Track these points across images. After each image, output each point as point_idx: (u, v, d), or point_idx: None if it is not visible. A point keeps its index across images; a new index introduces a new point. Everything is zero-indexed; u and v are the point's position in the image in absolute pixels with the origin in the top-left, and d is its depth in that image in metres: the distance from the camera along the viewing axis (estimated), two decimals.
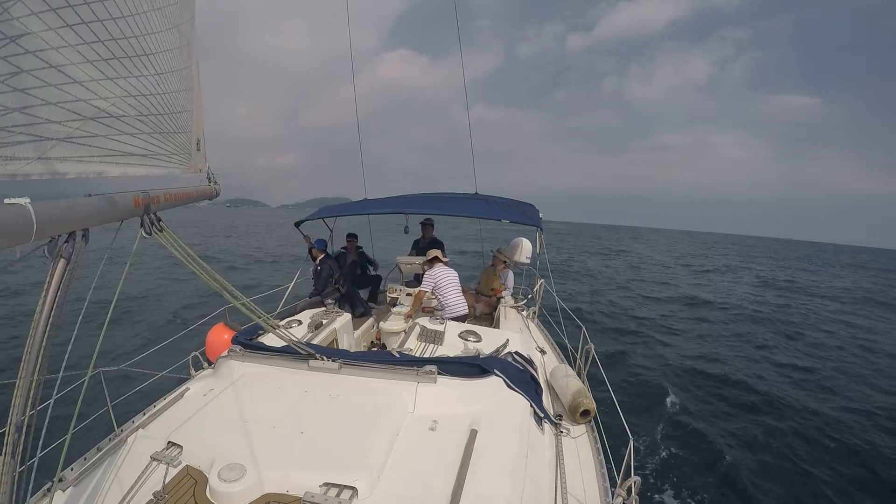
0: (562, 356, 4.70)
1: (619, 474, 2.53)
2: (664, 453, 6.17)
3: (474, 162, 7.54)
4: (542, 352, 4.49)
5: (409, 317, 4.96)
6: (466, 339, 3.75)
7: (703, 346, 10.80)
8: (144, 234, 1.52)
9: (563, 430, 3.09)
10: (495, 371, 2.91)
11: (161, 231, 1.57)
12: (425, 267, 5.29)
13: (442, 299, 4.94)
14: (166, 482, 2.05)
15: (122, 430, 2.54)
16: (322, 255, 5.78)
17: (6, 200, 0.96)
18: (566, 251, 40.98)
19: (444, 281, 4.96)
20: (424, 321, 4.14)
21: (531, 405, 2.87)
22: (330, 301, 4.69)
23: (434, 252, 5.16)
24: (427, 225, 6.89)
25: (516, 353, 3.45)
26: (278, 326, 2.81)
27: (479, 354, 3.42)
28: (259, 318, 2.56)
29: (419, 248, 6.64)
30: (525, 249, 6.30)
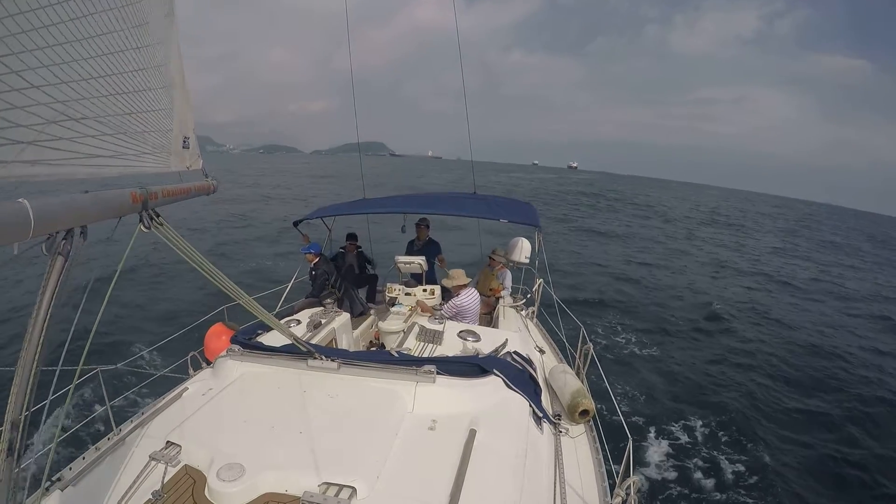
0: (561, 356, 4.70)
1: (618, 474, 2.53)
2: (664, 453, 6.18)
3: (473, 163, 7.54)
4: (541, 351, 4.48)
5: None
6: (465, 339, 3.75)
7: (709, 343, 10.74)
8: (143, 229, 1.51)
9: (562, 430, 3.09)
10: (494, 371, 2.91)
11: (161, 226, 1.56)
12: (454, 291, 4.88)
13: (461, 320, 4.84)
14: (165, 482, 2.05)
15: (120, 430, 2.53)
16: (317, 259, 5.75)
17: None
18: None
19: (469, 309, 4.80)
20: (423, 321, 4.13)
21: (530, 405, 2.87)
22: (328, 301, 4.68)
23: (460, 276, 4.84)
24: (421, 226, 6.63)
25: (515, 352, 3.44)
26: (280, 324, 2.81)
27: (478, 354, 3.41)
28: (261, 314, 2.54)
29: (413, 250, 6.56)
30: (524, 249, 6.29)
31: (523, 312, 5.63)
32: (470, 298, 4.80)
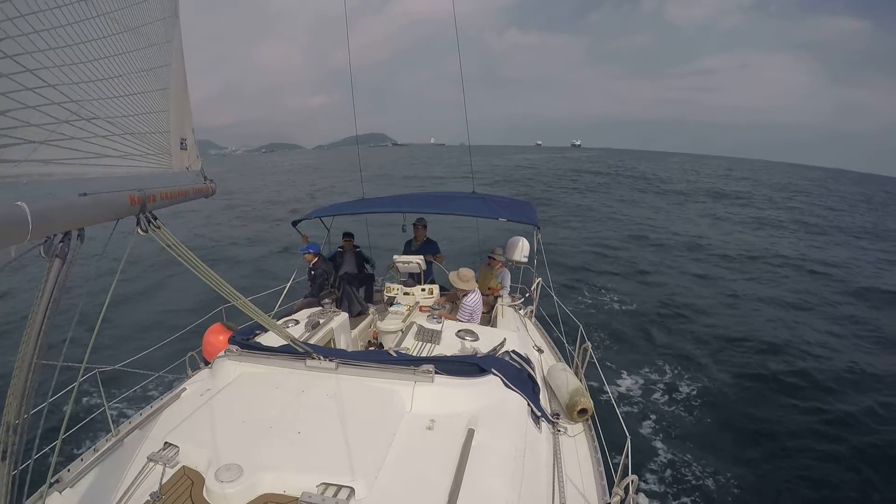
0: (559, 355, 4.71)
1: (616, 473, 2.53)
2: (662, 452, 6.20)
3: (472, 161, 7.55)
4: (540, 350, 4.49)
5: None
6: (464, 338, 3.75)
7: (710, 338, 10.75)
8: (141, 232, 1.51)
9: (561, 429, 3.10)
10: (493, 370, 2.91)
11: (158, 229, 1.56)
12: (459, 294, 4.98)
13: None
14: (163, 483, 2.05)
15: (118, 431, 2.53)
16: (315, 259, 5.75)
17: None
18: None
19: (478, 310, 4.90)
20: (422, 320, 4.14)
21: (529, 404, 2.87)
22: (327, 300, 4.68)
23: (471, 279, 4.91)
24: (419, 226, 6.62)
25: (514, 351, 3.45)
26: (277, 325, 2.81)
27: (476, 353, 3.42)
28: (257, 316, 2.55)
29: (411, 250, 6.56)
30: (523, 248, 6.30)
31: (522, 311, 5.64)
32: (477, 298, 4.91)
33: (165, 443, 2.28)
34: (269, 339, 3.50)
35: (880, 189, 69.65)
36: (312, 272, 5.74)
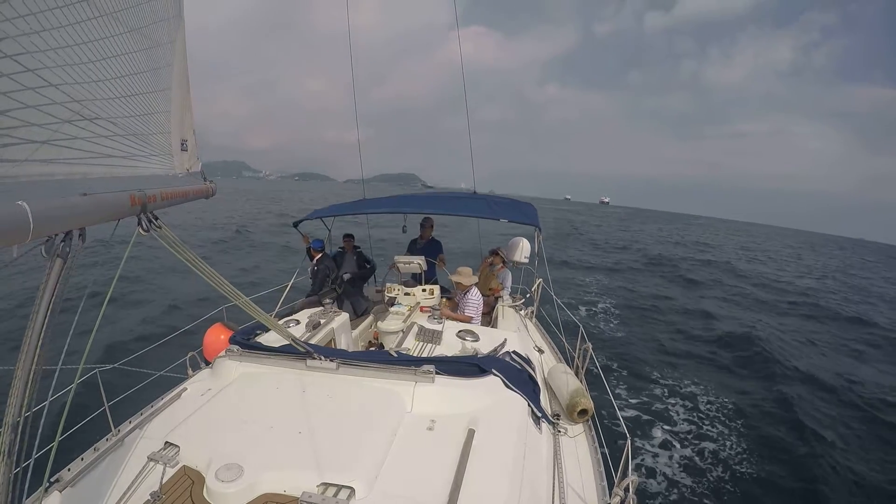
0: (560, 355, 4.71)
1: (616, 473, 2.53)
2: (663, 452, 6.19)
3: (473, 162, 7.55)
4: (540, 351, 4.49)
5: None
6: (464, 339, 3.75)
7: (715, 344, 10.71)
8: (142, 232, 1.52)
9: (561, 430, 3.10)
10: (493, 371, 2.91)
11: (160, 228, 1.57)
12: (458, 290, 5.05)
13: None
14: (163, 482, 2.05)
15: (119, 431, 2.53)
16: (319, 256, 5.79)
17: None
18: None
19: (480, 305, 4.92)
20: (423, 320, 4.14)
21: (529, 405, 2.87)
22: (328, 300, 4.69)
23: (467, 274, 4.97)
24: (426, 225, 6.69)
25: (514, 352, 3.45)
26: (278, 324, 2.81)
27: (477, 354, 3.42)
28: (259, 315, 2.55)
29: (416, 249, 6.56)
30: (524, 249, 6.30)
31: (522, 312, 5.63)
32: (477, 295, 4.93)
33: (166, 442, 2.28)
34: (270, 339, 3.50)
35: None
36: (315, 268, 5.77)
